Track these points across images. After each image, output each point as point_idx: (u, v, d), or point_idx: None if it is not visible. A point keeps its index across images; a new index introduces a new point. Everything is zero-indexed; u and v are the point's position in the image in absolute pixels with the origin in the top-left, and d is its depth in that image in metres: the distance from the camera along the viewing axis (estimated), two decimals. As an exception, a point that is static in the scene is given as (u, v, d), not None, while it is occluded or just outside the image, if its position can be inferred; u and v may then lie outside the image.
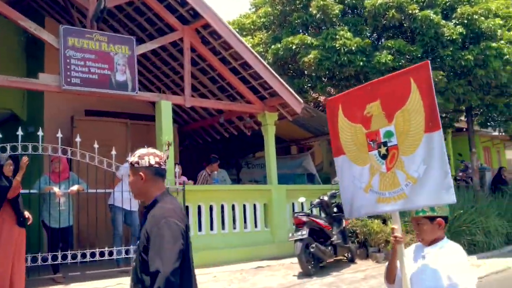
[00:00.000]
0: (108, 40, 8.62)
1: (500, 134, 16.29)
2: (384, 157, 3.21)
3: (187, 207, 9.04)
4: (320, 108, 13.30)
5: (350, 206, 3.45)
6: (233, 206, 9.86)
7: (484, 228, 10.39)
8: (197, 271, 8.46)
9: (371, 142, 3.28)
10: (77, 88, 8.20)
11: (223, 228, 9.64)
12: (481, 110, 12.59)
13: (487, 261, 9.85)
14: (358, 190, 3.37)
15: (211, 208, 9.53)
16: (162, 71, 11.70)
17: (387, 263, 3.24)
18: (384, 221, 10.18)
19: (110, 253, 7.90)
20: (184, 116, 12.85)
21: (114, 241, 8.36)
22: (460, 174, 16.01)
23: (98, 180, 7.90)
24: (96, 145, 7.75)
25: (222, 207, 9.69)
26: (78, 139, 7.67)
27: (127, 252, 8.08)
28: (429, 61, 3.09)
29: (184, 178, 9.50)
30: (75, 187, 7.75)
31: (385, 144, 3.20)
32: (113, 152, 7.94)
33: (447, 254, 2.94)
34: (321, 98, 13.30)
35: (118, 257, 8.07)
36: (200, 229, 9.31)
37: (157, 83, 12.13)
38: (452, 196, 2.86)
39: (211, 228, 9.48)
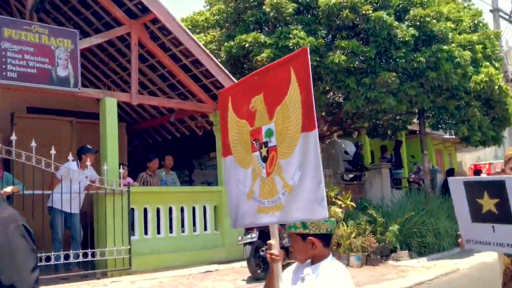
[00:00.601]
0: (49, 33, 8.13)
1: (451, 136, 16.55)
2: (264, 159, 2.74)
3: (132, 210, 8.67)
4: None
5: (235, 214, 2.98)
6: (182, 209, 9.52)
7: (435, 230, 10.44)
8: (142, 277, 8.07)
9: (254, 142, 2.82)
10: (14, 82, 7.69)
11: (170, 231, 9.29)
12: (433, 112, 12.69)
13: (437, 262, 9.89)
14: (242, 196, 2.90)
15: (158, 211, 9.16)
16: (110, 68, 11.24)
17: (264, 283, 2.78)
18: (336, 223, 10.06)
19: (48, 259, 7.43)
20: (133, 114, 12.43)
21: (53, 245, 7.90)
22: (413, 176, 16.16)
23: (37, 181, 7.41)
24: (34, 144, 7.30)
25: (170, 209, 9.33)
26: (13, 137, 7.21)
27: (66, 257, 7.64)
28: (307, 47, 2.59)
29: (129, 180, 9.10)
30: (8, 188, 7.23)
31: (266, 144, 2.73)
32: (52, 152, 7.49)
33: (327, 277, 2.49)
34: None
35: (57, 262, 7.62)
36: (146, 232, 8.94)
37: (104, 80, 11.66)
38: (324, 211, 2.37)
39: (158, 232, 9.11)
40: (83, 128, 10.95)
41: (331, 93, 12.50)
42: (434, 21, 10.73)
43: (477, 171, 18.86)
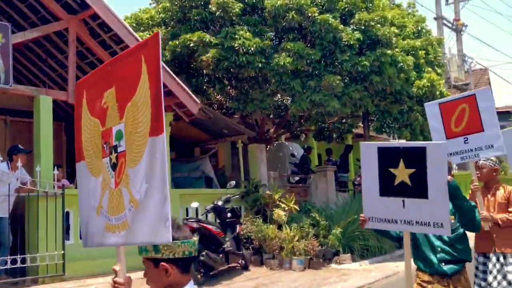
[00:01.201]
0: (-22, 26, 7.66)
1: (396, 140, 16.84)
2: (114, 167, 2.31)
3: (67, 213, 8.29)
4: (224, 110, 12.92)
5: (86, 231, 2.55)
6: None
7: (377, 233, 10.50)
8: (76, 283, 7.68)
9: (104, 145, 2.39)
10: None
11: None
12: (377, 116, 12.85)
13: (378, 265, 9.96)
14: (91, 211, 2.46)
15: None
16: (47, 64, 10.75)
17: None
18: (280, 227, 9.99)
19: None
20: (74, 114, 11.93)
21: (-21, 251, 7.43)
22: (358, 179, 16.33)
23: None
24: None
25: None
26: None
27: (-7, 263, 7.20)
28: (159, 32, 2.25)
29: (65, 182, 8.71)
30: None
31: (115, 149, 2.30)
32: (-22, 151, 7.04)
33: None
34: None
35: (-18, 269, 7.17)
36: (81, 237, 8.53)
37: (42, 77, 11.13)
38: (168, 234, 1.99)
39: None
40: (18, 127, 10.42)
41: (279, 95, 12.44)
42: (379, 25, 10.85)
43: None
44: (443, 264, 3.60)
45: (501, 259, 4.57)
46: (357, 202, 11.68)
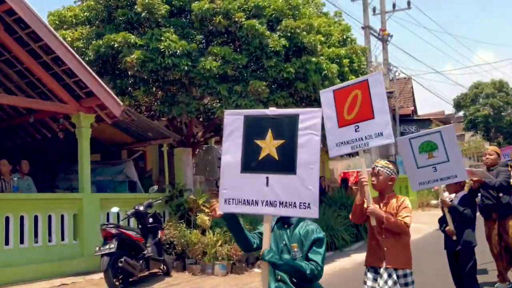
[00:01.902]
0: None
1: (321, 146, 17.18)
2: None
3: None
4: (153, 112, 12.63)
5: None
6: (35, 217, 8.77)
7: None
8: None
9: None
10: None
11: (21, 242, 8.51)
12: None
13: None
14: None
15: (7, 220, 8.35)
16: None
17: None
18: (203, 232, 9.91)
19: None
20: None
21: None
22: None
23: None
24: None
25: (22, 218, 8.56)
26: None
27: None
28: None
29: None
30: None
31: None
32: None
33: None
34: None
35: None
36: (-7, 244, 8.11)
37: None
38: None
39: (6, 243, 8.30)
40: None
41: (208, 98, 12.35)
42: (305, 33, 11.00)
43: (344, 179, 19.75)
44: None
45: (394, 275, 4.15)
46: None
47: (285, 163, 2.94)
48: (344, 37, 13.47)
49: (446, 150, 5.32)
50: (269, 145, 2.99)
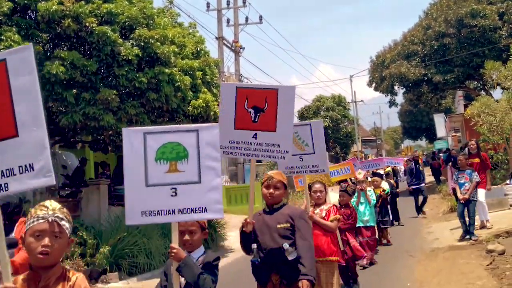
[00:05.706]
0: None
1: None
2: None
3: None
4: None
5: None
6: None
7: (146, 249, 10.55)
8: None
9: None
10: None
11: None
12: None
13: (147, 282, 9.99)
14: None
15: None
16: None
17: None
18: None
19: None
20: None
21: None
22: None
23: None
24: None
25: None
26: None
27: None
28: None
29: None
30: None
31: None
32: None
33: None
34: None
35: None
36: None
37: None
38: None
39: None
40: None
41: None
42: (159, 43, 10.95)
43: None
44: None
45: None
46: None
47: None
48: (198, 49, 13.65)
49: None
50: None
